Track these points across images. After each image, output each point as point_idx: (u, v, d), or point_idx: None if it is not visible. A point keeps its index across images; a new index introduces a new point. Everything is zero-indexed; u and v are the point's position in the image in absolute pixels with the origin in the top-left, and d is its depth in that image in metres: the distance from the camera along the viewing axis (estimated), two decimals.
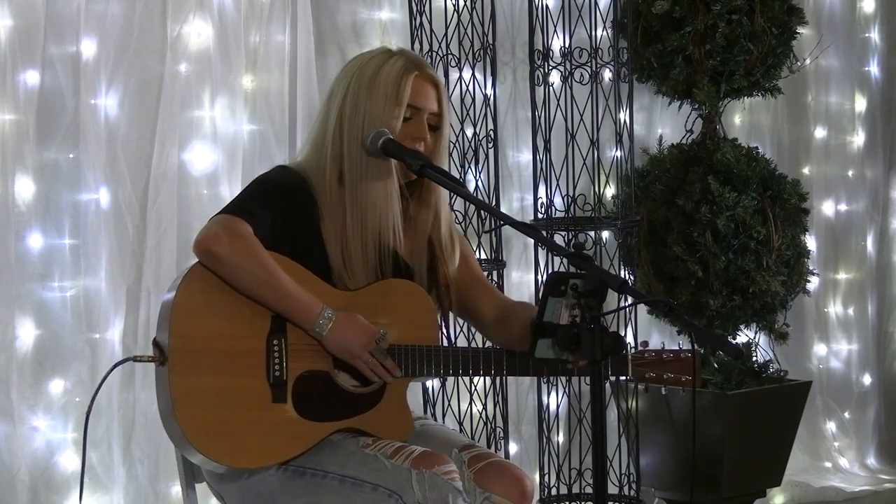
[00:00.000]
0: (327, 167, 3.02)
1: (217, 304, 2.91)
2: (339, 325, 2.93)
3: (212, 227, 2.92)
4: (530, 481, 3.01)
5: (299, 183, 3.03)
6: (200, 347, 2.90)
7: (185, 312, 2.90)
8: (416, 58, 3.09)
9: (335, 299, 2.97)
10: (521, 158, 5.11)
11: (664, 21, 5.06)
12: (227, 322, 2.92)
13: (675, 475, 5.05)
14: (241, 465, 2.94)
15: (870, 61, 6.12)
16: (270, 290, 2.90)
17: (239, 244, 2.89)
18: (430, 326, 3.06)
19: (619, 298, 2.70)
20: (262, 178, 3.06)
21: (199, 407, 2.88)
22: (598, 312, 2.57)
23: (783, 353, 5.47)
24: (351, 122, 3.02)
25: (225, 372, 2.90)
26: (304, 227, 3.01)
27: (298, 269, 2.96)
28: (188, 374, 2.89)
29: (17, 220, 4.03)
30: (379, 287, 3.03)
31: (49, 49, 4.07)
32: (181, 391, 2.88)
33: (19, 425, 4.02)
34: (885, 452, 6.04)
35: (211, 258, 2.90)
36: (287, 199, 3.00)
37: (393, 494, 2.85)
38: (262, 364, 2.93)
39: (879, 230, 6.15)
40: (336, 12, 4.68)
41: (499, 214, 3.13)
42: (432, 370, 3.02)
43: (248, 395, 2.91)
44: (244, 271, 2.89)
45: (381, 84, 3.01)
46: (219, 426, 2.89)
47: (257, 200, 2.98)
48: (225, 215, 2.94)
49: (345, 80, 3.06)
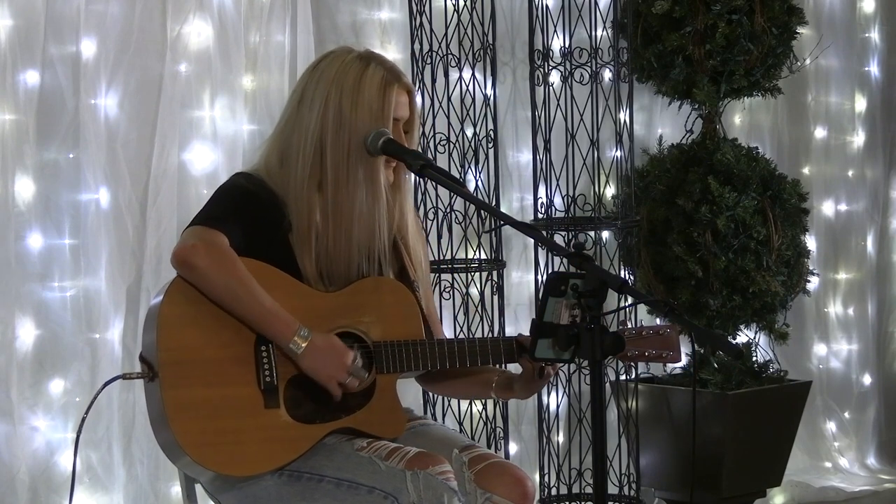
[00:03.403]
0: (303, 175, 3.00)
1: (202, 313, 2.90)
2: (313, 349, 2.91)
3: (188, 238, 2.90)
4: (531, 482, 3.01)
5: (264, 191, 3.00)
6: (189, 359, 2.89)
7: (171, 325, 2.90)
8: (391, 66, 3.08)
9: (317, 301, 2.97)
10: (521, 158, 5.11)
11: (664, 21, 5.06)
12: (213, 331, 2.91)
13: (675, 475, 5.05)
14: (239, 473, 2.93)
15: (870, 61, 6.12)
16: (246, 304, 2.89)
17: (216, 255, 2.87)
18: (414, 321, 3.05)
19: (619, 298, 2.70)
20: (224, 188, 3.03)
21: (193, 419, 2.88)
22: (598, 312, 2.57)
23: (783, 353, 5.48)
24: (335, 134, 2.99)
25: (216, 382, 2.90)
26: (275, 235, 2.99)
27: (278, 275, 2.95)
28: (179, 386, 2.88)
29: (17, 220, 4.03)
30: (359, 286, 3.02)
31: (49, 49, 4.07)
32: (173, 404, 2.87)
33: (19, 425, 4.02)
34: (885, 452, 6.04)
35: (188, 269, 2.88)
36: (255, 207, 2.99)
37: (389, 496, 2.85)
38: (252, 371, 2.92)
39: (879, 230, 6.16)
40: (336, 12, 4.68)
41: (499, 214, 3.12)
42: (420, 365, 3.02)
43: (240, 403, 2.91)
44: (221, 284, 2.88)
45: (364, 98, 3.00)
46: (214, 436, 2.88)
47: (228, 210, 2.96)
48: (199, 226, 2.92)
49: (322, 89, 3.02)
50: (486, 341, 3.07)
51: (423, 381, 3.27)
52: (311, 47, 4.53)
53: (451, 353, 3.03)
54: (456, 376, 3.18)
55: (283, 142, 3.05)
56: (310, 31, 4.54)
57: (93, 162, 4.13)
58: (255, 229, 2.96)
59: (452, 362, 3.04)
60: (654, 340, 3.07)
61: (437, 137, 4.55)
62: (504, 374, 3.16)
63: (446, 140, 4.55)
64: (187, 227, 2.94)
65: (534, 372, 3.06)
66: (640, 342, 3.07)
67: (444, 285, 4.55)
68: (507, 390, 3.15)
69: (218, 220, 2.93)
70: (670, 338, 3.07)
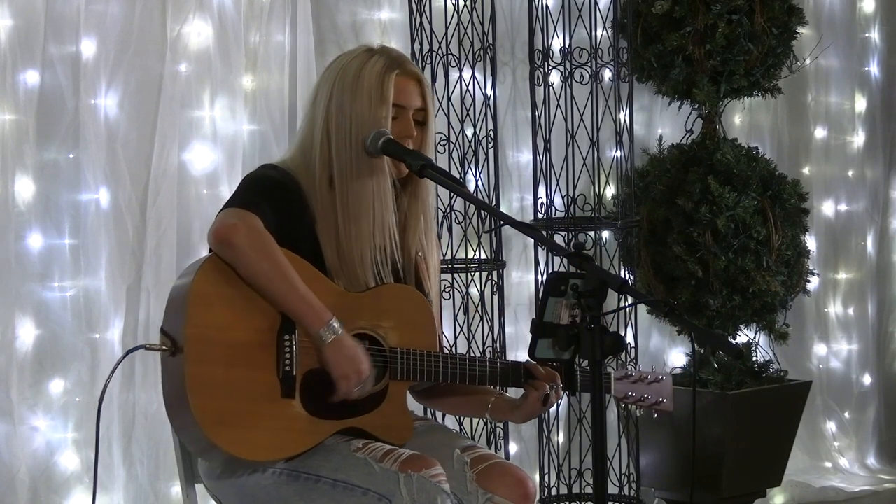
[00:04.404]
0: (317, 171, 3.02)
1: (231, 295, 2.90)
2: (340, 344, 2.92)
3: (228, 217, 2.89)
4: (533, 483, 3.02)
5: (291, 182, 3.02)
6: (215, 338, 2.88)
7: (201, 302, 2.89)
8: (397, 55, 3.08)
9: (339, 298, 2.97)
10: (521, 158, 5.11)
11: (664, 21, 5.06)
12: (240, 314, 2.90)
13: (675, 475, 5.05)
14: (248, 456, 2.92)
15: (870, 61, 6.13)
16: (282, 287, 2.89)
17: (255, 237, 2.87)
18: (430, 333, 3.07)
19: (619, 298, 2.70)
20: (255, 176, 3.04)
21: (211, 397, 2.87)
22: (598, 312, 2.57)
23: (783, 353, 5.48)
24: (338, 125, 3.01)
25: (237, 364, 2.89)
26: (301, 226, 3.00)
27: (307, 267, 2.95)
28: (203, 362, 2.87)
29: (17, 220, 4.03)
30: (383, 290, 3.03)
31: (49, 49, 4.07)
32: (196, 380, 2.86)
33: (19, 425, 4.02)
34: (885, 452, 6.04)
35: (228, 248, 2.87)
36: (283, 196, 2.99)
37: (382, 498, 2.86)
38: (273, 358, 2.92)
39: (879, 230, 6.16)
40: (336, 12, 4.68)
41: (499, 214, 3.12)
42: (432, 377, 3.04)
43: (258, 388, 2.91)
44: (259, 265, 2.87)
45: (364, 85, 3.00)
46: (230, 417, 2.88)
47: (260, 195, 2.96)
48: (237, 208, 2.91)
49: (328, 83, 3.05)
50: (497, 364, 3.09)
51: (417, 395, 3.28)
52: (311, 47, 4.53)
53: (464, 369, 3.05)
54: (454, 394, 3.21)
55: (302, 138, 3.08)
56: (310, 31, 4.54)
57: (93, 162, 4.13)
58: (284, 217, 2.97)
59: (463, 379, 3.06)
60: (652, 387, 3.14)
61: (437, 137, 4.54)
62: (501, 398, 3.18)
63: (446, 140, 4.55)
64: (222, 209, 2.93)
65: (538, 399, 3.08)
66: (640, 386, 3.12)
67: (444, 285, 4.55)
68: (501, 413, 3.18)
69: (252, 203, 2.92)
70: (666, 385, 3.14)
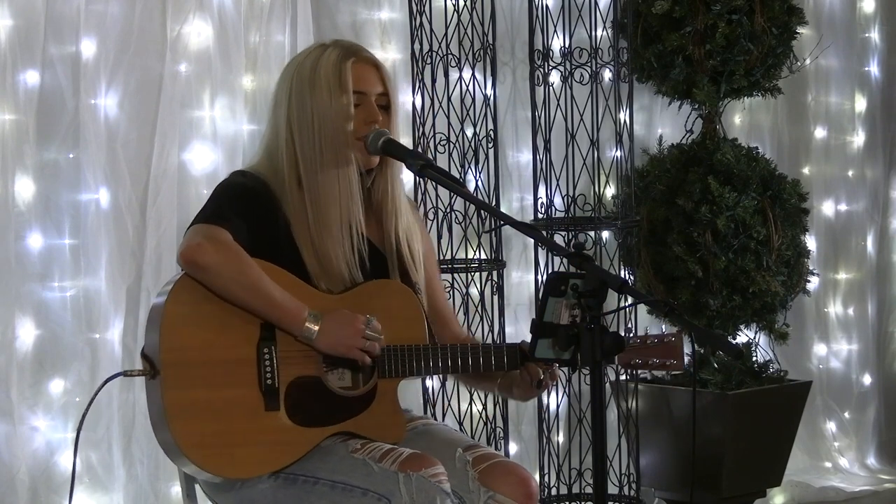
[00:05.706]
0: (286, 173, 3.01)
1: (205, 314, 2.90)
2: (326, 326, 2.92)
3: (193, 236, 2.90)
4: (535, 482, 3.02)
5: (262, 187, 3.01)
6: (192, 359, 2.89)
7: (175, 324, 2.89)
8: (350, 44, 3.08)
9: (322, 302, 2.97)
10: (521, 158, 5.11)
11: (664, 21, 5.06)
12: (216, 332, 2.91)
13: (675, 475, 5.05)
14: (237, 475, 2.94)
15: (870, 61, 6.13)
16: (257, 298, 2.90)
17: (223, 253, 2.88)
18: (418, 326, 3.06)
19: (619, 298, 2.70)
20: (225, 185, 3.04)
21: (193, 420, 2.88)
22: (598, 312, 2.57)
23: (783, 353, 5.48)
24: (301, 122, 3.01)
25: (217, 383, 2.89)
26: (277, 231, 3.00)
27: (283, 274, 2.95)
28: (181, 387, 2.88)
29: (17, 220, 4.03)
30: (365, 288, 3.03)
31: (49, 49, 4.07)
32: (174, 404, 2.87)
33: (19, 425, 4.02)
34: (885, 452, 6.04)
35: (197, 269, 2.88)
36: (255, 203, 2.99)
37: (382, 498, 2.86)
38: (254, 373, 2.92)
39: (879, 230, 6.16)
40: (336, 12, 4.68)
41: (499, 214, 3.12)
42: (421, 371, 3.03)
43: (241, 405, 2.91)
44: (231, 280, 2.88)
45: (321, 78, 3.00)
46: (214, 438, 2.88)
47: (229, 207, 2.96)
48: (203, 224, 2.92)
49: (286, 84, 3.05)
50: (490, 349, 3.07)
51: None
52: None
53: (454, 360, 3.04)
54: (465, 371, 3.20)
55: (267, 142, 3.08)
56: (310, 31, 4.54)
57: (93, 162, 4.13)
58: (257, 225, 2.97)
59: (455, 369, 3.04)
60: (659, 349, 3.08)
61: (437, 137, 4.55)
62: (507, 375, 3.16)
63: (446, 140, 4.55)
64: (190, 227, 2.94)
65: (532, 381, 3.07)
66: (645, 350, 3.07)
67: (444, 285, 4.55)
68: (506, 391, 3.17)
69: (220, 217, 2.93)
70: (674, 346, 3.07)
